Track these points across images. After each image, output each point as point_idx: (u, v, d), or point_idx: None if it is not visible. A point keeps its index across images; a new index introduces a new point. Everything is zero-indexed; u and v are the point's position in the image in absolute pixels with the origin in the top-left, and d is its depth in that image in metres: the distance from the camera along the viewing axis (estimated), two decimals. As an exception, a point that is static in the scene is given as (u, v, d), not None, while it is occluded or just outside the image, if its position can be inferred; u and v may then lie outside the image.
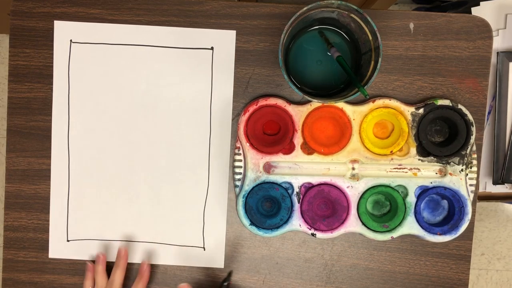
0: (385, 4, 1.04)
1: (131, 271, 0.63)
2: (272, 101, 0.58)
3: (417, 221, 0.59)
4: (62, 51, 0.61)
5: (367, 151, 0.59)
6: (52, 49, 0.62)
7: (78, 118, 0.62)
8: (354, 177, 0.59)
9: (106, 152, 0.62)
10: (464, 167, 0.59)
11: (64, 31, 0.61)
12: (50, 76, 0.62)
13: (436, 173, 0.60)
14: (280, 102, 0.58)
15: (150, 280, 0.63)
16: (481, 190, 0.78)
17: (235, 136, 0.62)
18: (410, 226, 0.59)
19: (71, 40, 0.61)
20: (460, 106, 0.59)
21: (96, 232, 0.63)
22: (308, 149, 0.59)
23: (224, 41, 0.61)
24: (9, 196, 0.63)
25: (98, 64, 0.62)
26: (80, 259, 0.63)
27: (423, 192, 0.59)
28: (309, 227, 0.59)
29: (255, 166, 0.59)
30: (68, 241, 0.63)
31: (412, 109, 0.59)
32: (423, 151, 0.60)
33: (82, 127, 0.62)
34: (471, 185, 0.60)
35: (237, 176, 0.60)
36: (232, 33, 0.61)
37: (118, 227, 0.63)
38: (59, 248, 0.63)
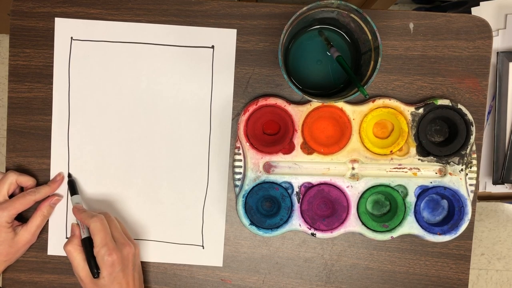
0: (385, 4, 1.04)
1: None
2: (272, 101, 0.58)
3: (417, 221, 0.59)
4: (63, 49, 0.61)
5: (367, 151, 0.59)
6: (52, 49, 0.62)
7: (78, 116, 0.62)
8: (354, 177, 0.59)
9: (105, 150, 0.62)
10: (464, 167, 0.59)
11: (65, 28, 0.61)
12: (50, 76, 0.62)
13: (436, 173, 0.60)
14: (280, 102, 0.58)
15: (150, 279, 0.63)
16: (481, 190, 0.78)
17: (235, 136, 0.62)
18: (410, 226, 0.59)
19: (72, 38, 0.61)
20: (460, 106, 0.59)
21: (96, 232, 0.63)
22: (308, 149, 0.59)
23: (225, 39, 0.61)
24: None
25: (99, 62, 0.62)
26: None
27: (423, 192, 0.59)
28: (309, 227, 0.59)
29: (255, 166, 0.59)
30: (67, 238, 0.63)
31: (412, 109, 0.59)
32: (423, 151, 0.60)
33: (82, 125, 0.62)
34: (471, 185, 0.60)
35: (237, 176, 0.60)
36: (233, 32, 0.61)
37: (118, 227, 0.63)
38: (58, 245, 0.63)
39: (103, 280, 0.54)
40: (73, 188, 0.62)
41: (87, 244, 0.56)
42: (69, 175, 0.62)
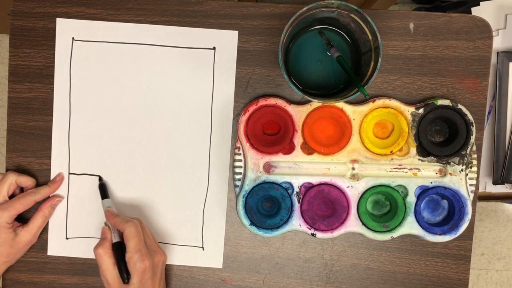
0: (385, 4, 1.04)
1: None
2: (272, 101, 0.58)
3: (417, 221, 0.59)
4: (64, 49, 0.61)
5: (367, 151, 0.59)
6: (52, 49, 0.62)
7: (79, 116, 0.62)
8: (354, 177, 0.59)
9: (106, 151, 0.62)
10: (464, 167, 0.59)
11: (66, 29, 0.61)
12: (50, 76, 0.62)
13: (436, 173, 0.60)
14: (280, 102, 0.58)
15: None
16: (481, 190, 0.78)
17: (235, 136, 0.62)
18: (410, 226, 0.59)
19: (73, 38, 0.61)
20: (460, 106, 0.59)
21: (95, 231, 0.63)
22: (308, 149, 0.59)
23: (226, 41, 0.61)
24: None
25: (100, 62, 0.62)
26: (79, 257, 0.63)
27: (423, 192, 0.59)
28: (309, 227, 0.59)
29: (255, 166, 0.59)
30: (67, 238, 0.63)
31: (412, 109, 0.59)
32: (423, 151, 0.60)
33: (83, 126, 0.62)
34: (471, 185, 0.60)
35: (237, 176, 0.60)
36: (235, 34, 0.61)
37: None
38: (58, 245, 0.63)
39: (133, 286, 0.53)
40: (104, 191, 0.61)
41: (118, 249, 0.55)
42: (100, 178, 0.62)
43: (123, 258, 0.54)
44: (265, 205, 0.61)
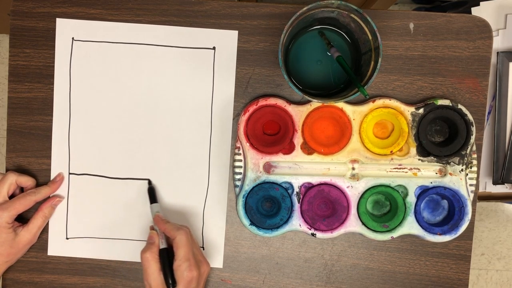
0: (385, 4, 1.04)
1: (131, 271, 0.63)
2: (272, 101, 0.58)
3: (417, 221, 0.59)
4: (64, 49, 0.61)
5: (367, 151, 0.59)
6: (52, 49, 0.62)
7: (79, 116, 0.62)
8: (354, 177, 0.59)
9: (106, 151, 0.62)
10: (464, 167, 0.59)
11: (66, 29, 0.61)
12: (50, 76, 0.62)
13: (436, 173, 0.60)
14: (280, 102, 0.58)
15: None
16: (481, 190, 0.78)
17: (235, 136, 0.62)
18: (410, 226, 0.59)
19: (73, 38, 0.61)
20: (460, 106, 0.59)
21: (96, 231, 0.63)
22: (308, 149, 0.59)
23: (226, 41, 0.61)
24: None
25: (100, 62, 0.62)
26: (79, 257, 0.63)
27: (423, 192, 0.59)
28: (309, 227, 0.59)
29: (255, 166, 0.59)
30: (67, 238, 0.63)
31: (412, 109, 0.59)
32: (423, 151, 0.60)
33: (83, 126, 0.62)
34: (471, 185, 0.60)
35: (237, 176, 0.60)
36: (234, 33, 0.61)
37: (118, 226, 0.63)
38: (58, 245, 0.63)
39: None
40: (153, 196, 0.61)
41: (165, 255, 0.55)
42: (149, 182, 0.62)
43: (170, 265, 0.54)
44: (265, 205, 0.61)
